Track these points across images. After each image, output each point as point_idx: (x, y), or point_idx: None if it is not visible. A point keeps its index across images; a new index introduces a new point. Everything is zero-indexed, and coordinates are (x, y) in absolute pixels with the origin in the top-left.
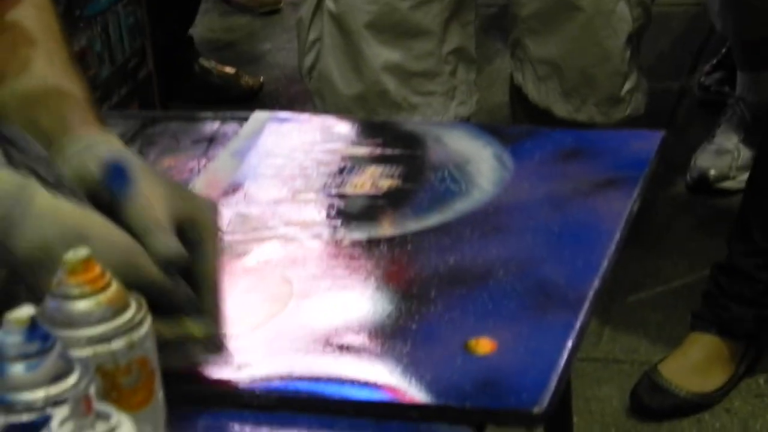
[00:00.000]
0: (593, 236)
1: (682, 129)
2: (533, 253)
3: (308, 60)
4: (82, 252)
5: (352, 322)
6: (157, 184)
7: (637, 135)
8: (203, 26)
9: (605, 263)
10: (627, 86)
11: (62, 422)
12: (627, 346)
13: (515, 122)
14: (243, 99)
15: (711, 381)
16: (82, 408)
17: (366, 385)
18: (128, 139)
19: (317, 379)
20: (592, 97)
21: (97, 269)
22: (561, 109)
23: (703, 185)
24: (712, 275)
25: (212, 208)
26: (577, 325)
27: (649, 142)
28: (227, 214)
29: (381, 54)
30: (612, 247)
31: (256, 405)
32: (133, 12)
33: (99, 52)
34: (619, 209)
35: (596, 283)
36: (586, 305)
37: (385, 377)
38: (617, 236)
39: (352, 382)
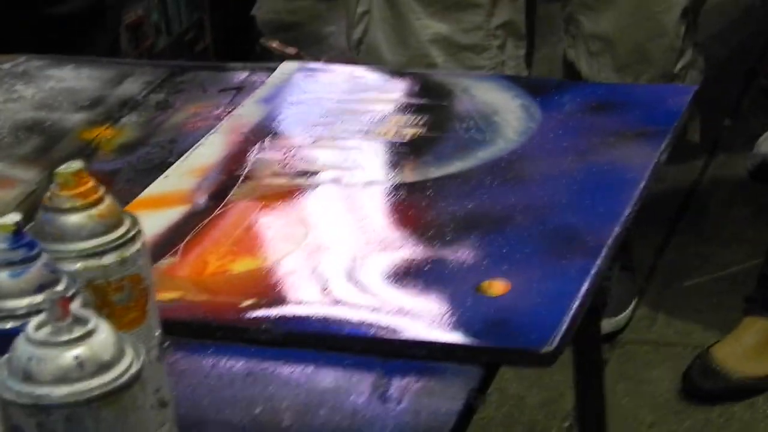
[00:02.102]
0: (617, 185)
1: (746, 116)
2: (554, 200)
3: (356, 33)
4: (74, 165)
5: (364, 262)
6: None
7: (670, 89)
8: (267, 7)
9: (627, 210)
10: (681, 62)
11: (38, 326)
12: (680, 330)
13: None
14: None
15: (764, 365)
16: (59, 312)
17: (374, 323)
18: (155, 87)
19: (325, 317)
20: (645, 73)
21: (90, 183)
22: None
23: (764, 172)
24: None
25: None
26: (593, 269)
27: (681, 96)
28: (250, 158)
29: (429, 26)
30: (635, 195)
31: (263, 340)
32: None
33: (156, 22)
34: (645, 160)
35: (616, 229)
36: (605, 251)
37: (394, 316)
38: (642, 185)
39: (360, 321)
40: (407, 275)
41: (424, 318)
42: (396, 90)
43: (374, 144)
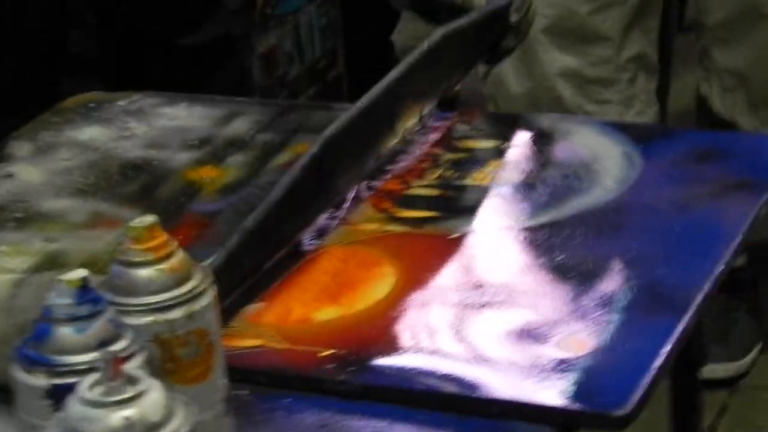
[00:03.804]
0: (712, 238)
1: None
2: (646, 253)
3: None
4: (147, 219)
5: (443, 315)
6: None
7: None
8: (408, 33)
9: (720, 267)
10: None
11: (91, 385)
12: None
13: None
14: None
15: None
16: (111, 372)
17: (450, 378)
18: (263, 126)
19: (402, 371)
20: None
21: (163, 237)
22: (747, 122)
23: None
24: None
25: None
26: (678, 329)
27: None
28: (347, 202)
29: (557, 59)
30: (730, 252)
31: (340, 392)
32: (326, 12)
33: (289, 51)
34: (744, 213)
35: (706, 286)
36: (692, 309)
37: (473, 372)
38: (737, 240)
39: (437, 375)
40: (491, 329)
41: (501, 375)
42: (496, 133)
43: (468, 189)
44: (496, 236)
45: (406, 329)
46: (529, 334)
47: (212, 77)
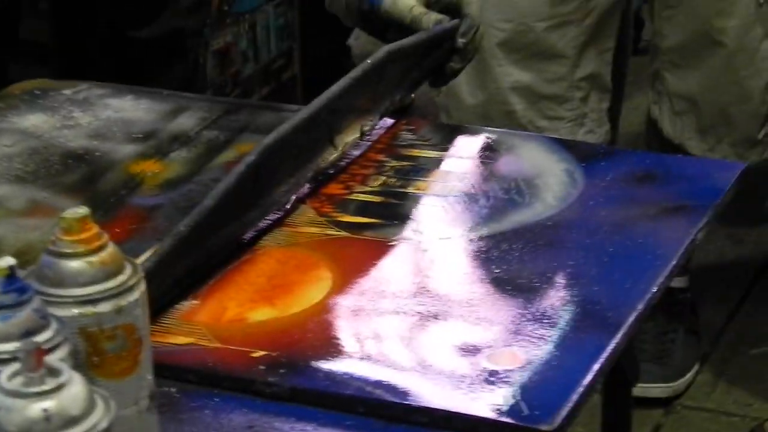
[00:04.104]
0: (648, 260)
1: None
2: (581, 271)
3: None
4: (80, 210)
5: (379, 321)
6: None
7: (718, 164)
8: (365, 38)
9: (653, 289)
10: (765, 129)
11: (11, 375)
12: (740, 400)
13: None
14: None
15: None
16: (32, 362)
17: (380, 384)
18: (210, 123)
19: (332, 375)
20: (728, 136)
21: (94, 229)
22: (695, 146)
23: None
24: None
25: None
26: (609, 347)
27: (729, 172)
28: (288, 204)
29: (511, 74)
30: (665, 274)
31: (268, 394)
32: (284, 13)
33: (244, 50)
34: (681, 236)
35: (639, 307)
36: (624, 329)
37: (402, 379)
38: (673, 263)
39: (366, 381)
40: (419, 337)
41: (432, 383)
42: (442, 143)
43: (410, 198)
44: (435, 246)
45: (339, 334)
46: (462, 345)
47: (164, 71)
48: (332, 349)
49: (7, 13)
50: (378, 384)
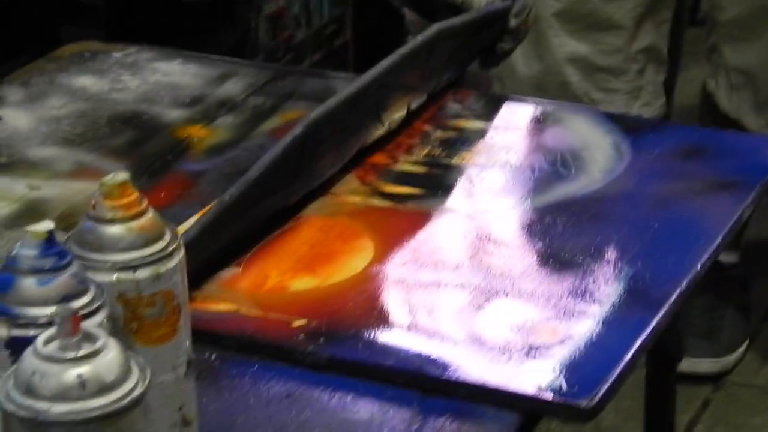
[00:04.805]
0: (693, 236)
1: None
2: (626, 247)
3: None
4: (120, 176)
5: (418, 293)
6: None
7: None
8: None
9: (698, 266)
10: None
11: (47, 340)
12: None
13: None
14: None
15: None
16: (68, 327)
17: (419, 357)
18: (256, 89)
19: (371, 345)
20: None
21: (134, 195)
22: (752, 121)
23: None
24: None
25: None
26: (652, 324)
27: None
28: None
29: (567, 44)
30: (710, 251)
31: (307, 363)
32: None
33: (296, 15)
34: (728, 213)
35: (683, 284)
36: (667, 305)
37: (442, 352)
38: (718, 240)
39: (406, 353)
40: (460, 310)
41: (471, 357)
42: (488, 114)
43: (454, 168)
44: (478, 218)
45: (379, 304)
46: (503, 319)
47: (215, 35)
48: (372, 319)
49: None
50: (417, 356)
